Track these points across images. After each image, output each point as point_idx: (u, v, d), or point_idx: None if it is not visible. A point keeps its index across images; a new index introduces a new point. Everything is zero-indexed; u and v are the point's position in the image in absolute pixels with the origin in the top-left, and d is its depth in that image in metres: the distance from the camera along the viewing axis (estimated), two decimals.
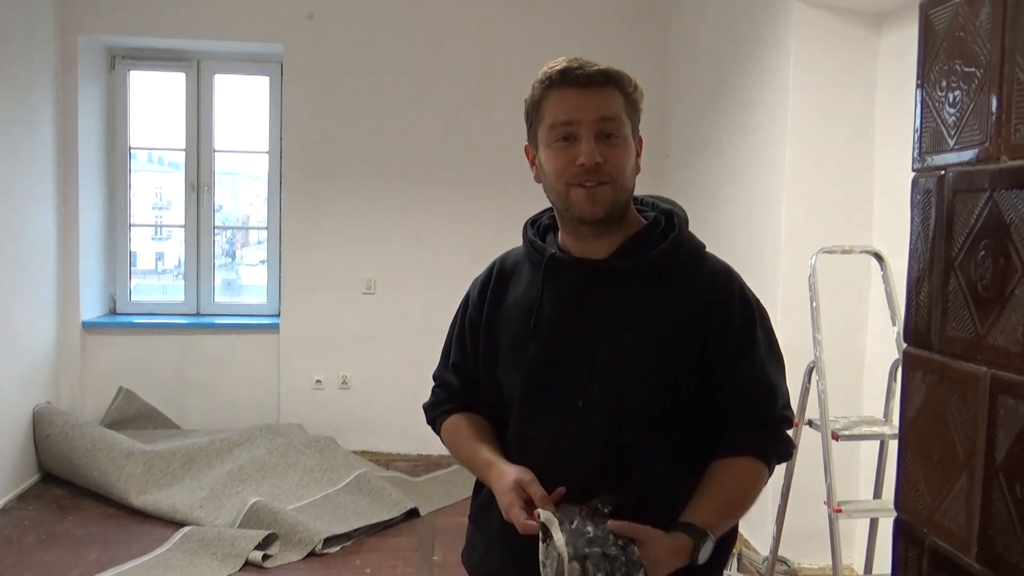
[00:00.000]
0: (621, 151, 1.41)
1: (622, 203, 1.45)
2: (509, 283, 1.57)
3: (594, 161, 1.38)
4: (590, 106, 1.39)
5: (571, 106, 1.40)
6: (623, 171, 1.42)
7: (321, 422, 5.22)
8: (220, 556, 3.68)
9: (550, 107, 1.42)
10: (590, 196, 1.41)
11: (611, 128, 1.40)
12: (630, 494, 1.39)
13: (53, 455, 4.59)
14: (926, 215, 1.03)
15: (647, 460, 1.42)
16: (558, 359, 1.45)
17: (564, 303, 1.47)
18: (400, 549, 3.95)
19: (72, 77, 4.98)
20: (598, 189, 1.40)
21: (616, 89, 1.42)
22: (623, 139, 1.42)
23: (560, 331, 1.46)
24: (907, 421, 1.07)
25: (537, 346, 1.47)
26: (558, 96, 1.42)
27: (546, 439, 1.45)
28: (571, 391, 1.43)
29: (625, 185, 1.44)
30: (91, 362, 5.20)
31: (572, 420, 1.43)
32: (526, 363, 1.48)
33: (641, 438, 1.42)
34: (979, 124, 0.93)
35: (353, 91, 5.25)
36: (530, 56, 5.17)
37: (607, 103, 1.40)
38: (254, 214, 6.02)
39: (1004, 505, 0.89)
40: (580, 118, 1.39)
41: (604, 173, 1.39)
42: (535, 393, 1.47)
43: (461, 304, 1.67)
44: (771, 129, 3.83)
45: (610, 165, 1.40)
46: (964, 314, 0.95)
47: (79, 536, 3.95)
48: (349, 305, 5.33)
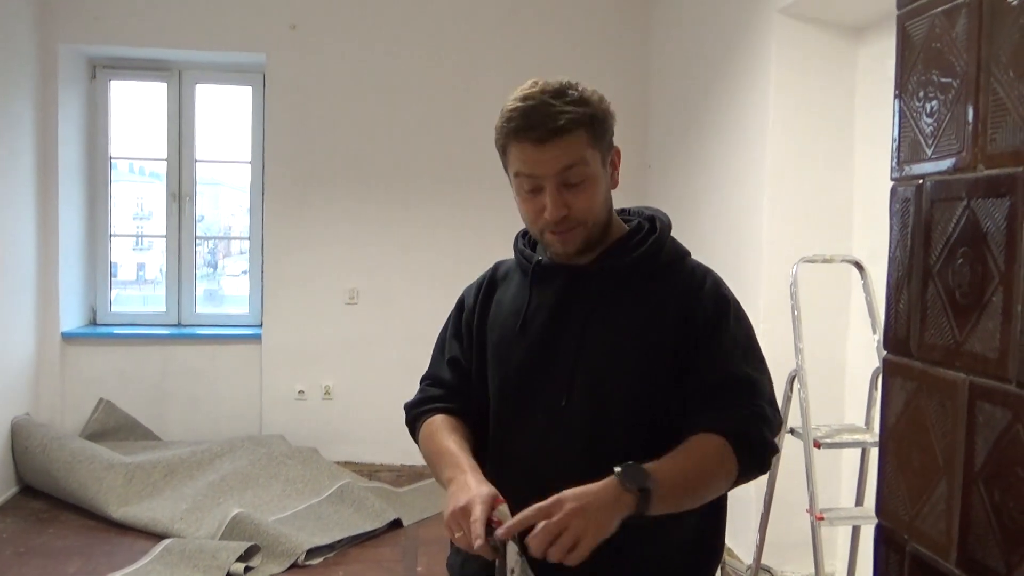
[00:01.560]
0: (588, 193, 1.42)
1: (596, 234, 1.48)
2: (499, 289, 1.61)
3: (559, 215, 1.41)
4: (550, 160, 1.39)
5: (530, 161, 1.40)
6: (591, 211, 1.44)
7: (304, 433, 5.19)
8: (202, 568, 3.65)
9: (512, 156, 1.43)
10: (562, 240, 1.45)
11: (575, 176, 1.40)
12: None
13: (32, 467, 4.54)
14: (904, 223, 1.04)
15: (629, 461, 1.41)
16: (542, 360, 1.47)
17: (550, 307, 1.50)
18: (383, 560, 3.93)
19: (52, 86, 4.95)
20: (568, 234, 1.44)
21: (579, 129, 1.39)
22: (589, 179, 1.42)
23: (545, 334, 1.48)
24: (887, 428, 1.08)
25: (523, 348, 1.50)
26: (517, 148, 1.41)
27: (529, 439, 1.47)
28: (554, 392, 1.44)
29: (597, 219, 1.46)
30: (71, 373, 5.15)
31: (555, 420, 1.44)
32: (511, 364, 1.50)
33: (623, 439, 1.42)
34: (956, 134, 0.95)
35: (336, 102, 5.25)
36: (512, 66, 5.21)
37: (567, 152, 1.38)
38: (236, 224, 5.99)
39: (983, 510, 0.89)
40: (540, 173, 1.40)
41: (572, 219, 1.42)
42: (518, 393, 1.49)
43: (454, 309, 1.69)
44: (752, 140, 3.86)
45: (576, 211, 1.42)
46: (942, 321, 0.96)
47: (58, 549, 3.91)
48: (332, 315, 5.31)
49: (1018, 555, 0.84)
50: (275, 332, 5.29)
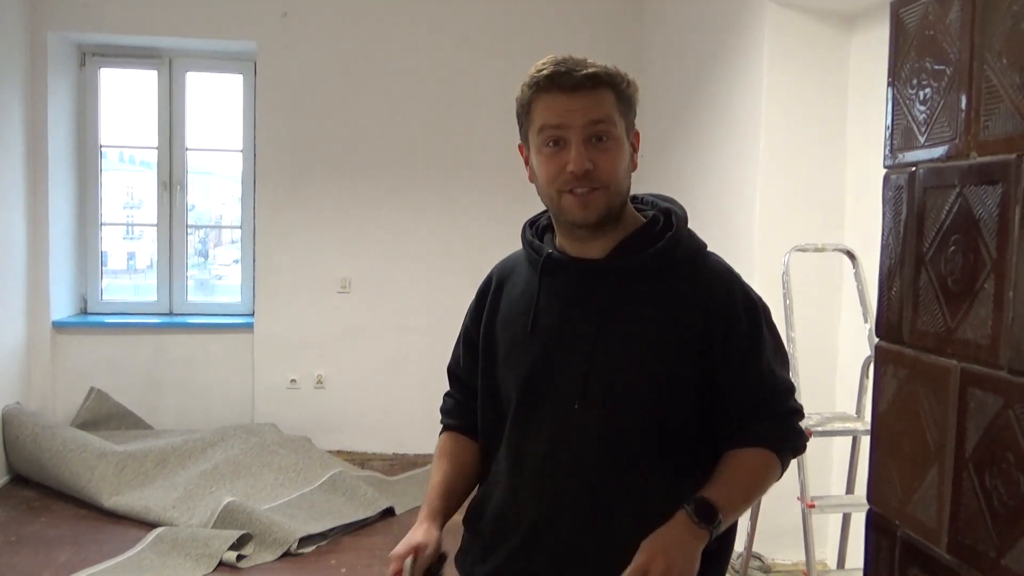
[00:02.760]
0: (613, 154, 1.38)
1: (617, 205, 1.42)
2: (506, 286, 1.56)
3: (583, 168, 1.35)
4: (579, 110, 1.35)
5: (560, 110, 1.36)
6: (615, 174, 1.39)
7: (296, 422, 5.19)
8: (194, 557, 3.65)
9: (539, 110, 1.39)
10: (582, 202, 1.38)
11: (602, 130, 1.36)
12: (626, 500, 1.38)
13: (23, 457, 4.53)
14: (897, 211, 1.05)
15: (644, 465, 1.40)
16: (555, 361, 1.43)
17: (561, 304, 1.45)
18: (375, 548, 3.94)
19: (41, 74, 4.92)
20: (590, 195, 1.37)
21: (608, 89, 1.38)
22: (615, 140, 1.38)
23: (557, 333, 1.44)
24: (879, 415, 1.09)
25: (535, 348, 1.45)
26: (546, 100, 1.38)
27: (542, 442, 1.43)
28: (567, 393, 1.41)
29: (619, 188, 1.40)
30: (62, 362, 5.14)
31: (568, 422, 1.41)
32: (524, 365, 1.46)
33: (637, 442, 1.40)
34: (949, 121, 0.95)
35: (327, 90, 5.23)
36: (505, 54, 5.20)
37: (597, 105, 1.36)
38: (227, 214, 5.97)
39: (974, 496, 0.90)
40: (569, 123, 1.36)
41: (595, 179, 1.36)
42: (532, 395, 1.45)
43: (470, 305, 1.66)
44: (744, 129, 3.86)
45: (601, 170, 1.36)
46: (934, 308, 0.97)
47: (50, 537, 3.90)
48: (324, 304, 5.30)
49: (1008, 539, 0.85)
50: (267, 321, 5.28)
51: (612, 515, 1.38)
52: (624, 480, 1.39)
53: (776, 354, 1.48)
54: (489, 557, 1.49)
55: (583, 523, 1.40)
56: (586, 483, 1.40)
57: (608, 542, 1.37)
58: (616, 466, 1.39)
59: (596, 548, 1.39)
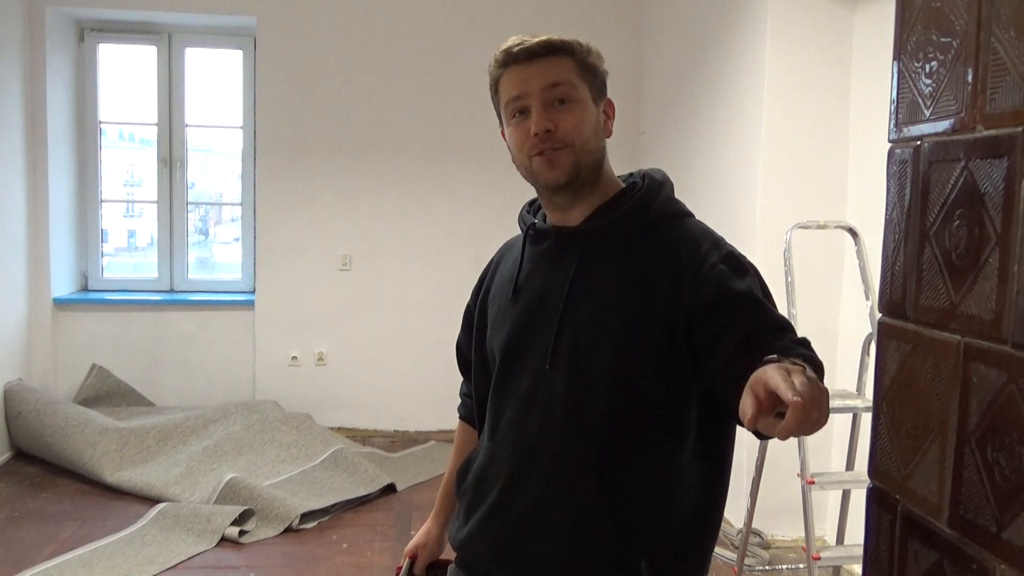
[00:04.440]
0: (576, 115, 1.41)
1: (587, 166, 1.42)
2: (502, 262, 1.61)
3: (544, 128, 1.39)
4: (536, 76, 1.40)
5: (519, 80, 1.42)
6: (580, 133, 1.41)
7: (297, 399, 5.21)
8: (196, 532, 3.67)
9: (503, 87, 1.45)
10: (548, 162, 1.41)
11: (561, 93, 1.40)
12: (593, 462, 1.36)
13: (25, 433, 4.54)
14: (902, 186, 1.04)
15: (612, 429, 1.37)
16: (531, 325, 1.46)
17: (540, 271, 1.48)
18: (377, 524, 3.96)
19: (39, 50, 4.89)
20: (555, 154, 1.40)
21: (565, 55, 1.42)
22: (576, 103, 1.41)
23: (533, 297, 1.47)
24: (881, 390, 1.08)
25: (515, 314, 1.49)
26: (508, 75, 1.44)
27: (515, 404, 1.46)
28: (539, 355, 1.43)
29: (587, 147, 1.42)
30: (63, 339, 5.15)
31: (539, 384, 1.42)
32: (505, 331, 1.49)
33: (603, 404, 1.38)
34: (955, 94, 0.94)
35: (328, 65, 5.20)
36: (505, 32, 5.12)
37: (553, 70, 1.41)
38: (227, 192, 5.96)
39: (975, 471, 0.90)
40: (527, 90, 1.41)
41: (558, 139, 1.39)
42: (510, 360, 1.48)
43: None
44: (747, 105, 3.84)
45: (563, 131, 1.39)
46: (938, 283, 0.96)
47: (53, 513, 3.93)
48: (325, 281, 5.30)
49: (1009, 513, 0.85)
50: (268, 298, 5.28)
51: (577, 477, 1.37)
52: (591, 442, 1.37)
53: (766, 300, 1.36)
54: (468, 520, 1.51)
55: (549, 483, 1.40)
56: (553, 444, 1.40)
57: (572, 504, 1.37)
58: (583, 428, 1.38)
59: (560, 509, 1.38)
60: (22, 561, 3.41)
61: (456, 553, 1.57)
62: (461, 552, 1.54)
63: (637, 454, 1.37)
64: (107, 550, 3.53)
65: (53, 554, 3.48)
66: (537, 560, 1.39)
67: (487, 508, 1.46)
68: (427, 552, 1.68)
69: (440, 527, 1.70)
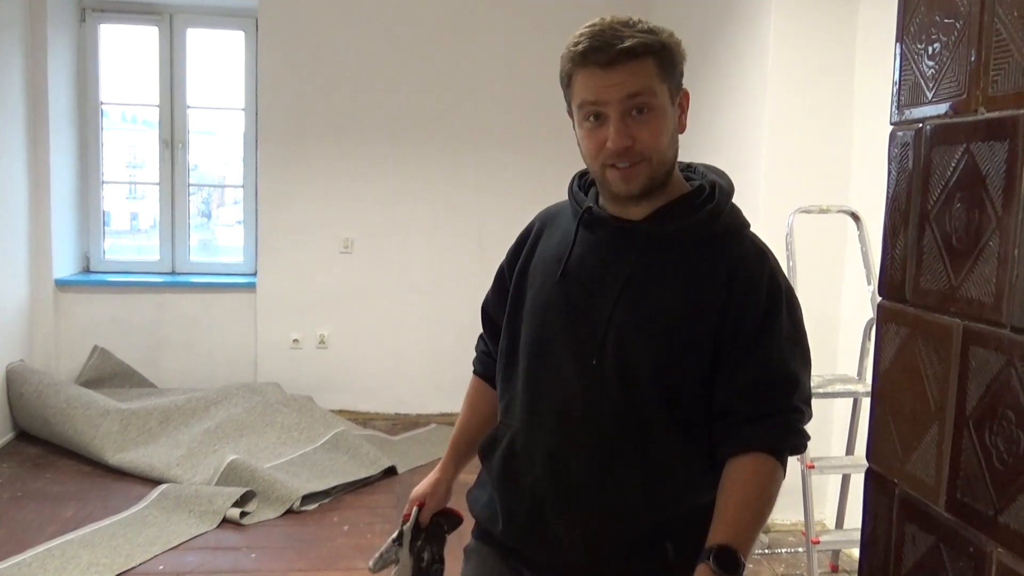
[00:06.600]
0: (655, 124, 1.36)
1: (660, 175, 1.40)
2: (545, 233, 1.56)
3: (623, 145, 1.34)
4: (616, 85, 1.33)
5: (596, 87, 1.34)
6: (658, 146, 1.36)
7: (298, 381, 5.22)
8: (198, 513, 3.69)
9: (577, 85, 1.38)
10: (624, 176, 1.37)
11: (641, 102, 1.34)
12: (635, 459, 1.39)
13: (27, 413, 4.56)
14: (903, 168, 1.04)
15: (655, 429, 1.40)
16: (577, 314, 1.44)
17: (593, 259, 1.45)
18: (378, 506, 3.98)
19: (41, 31, 4.87)
20: (631, 169, 1.36)
21: (648, 57, 1.34)
22: (656, 111, 1.35)
23: (584, 286, 1.44)
24: (880, 374, 1.08)
25: (560, 299, 1.46)
26: (583, 75, 1.36)
27: (556, 392, 1.45)
28: (586, 348, 1.41)
29: (662, 158, 1.38)
30: (65, 320, 5.15)
31: (583, 376, 1.41)
32: (547, 312, 1.47)
33: (649, 405, 1.39)
34: (957, 76, 0.93)
35: (330, 46, 5.17)
36: (511, 16, 5.14)
37: (634, 79, 1.33)
38: (230, 174, 5.94)
39: (973, 455, 0.90)
40: (606, 99, 1.34)
41: (636, 153, 1.35)
42: (550, 344, 1.46)
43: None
44: (750, 88, 3.82)
45: (641, 144, 1.35)
46: (938, 266, 0.96)
47: (55, 493, 3.94)
48: (326, 264, 5.30)
49: (1007, 497, 0.85)
50: (270, 281, 5.28)
51: (618, 472, 1.40)
52: (634, 440, 1.40)
53: (793, 347, 1.43)
54: (495, 497, 1.53)
55: (589, 476, 1.42)
56: (596, 438, 1.41)
57: (611, 498, 1.41)
58: (627, 425, 1.40)
59: (598, 503, 1.41)
60: (24, 541, 3.43)
61: (477, 524, 1.60)
62: (487, 525, 1.55)
63: (676, 445, 1.41)
64: (109, 531, 3.54)
65: (55, 534, 3.49)
66: (571, 538, 1.42)
67: (520, 489, 1.47)
68: (435, 501, 1.70)
69: (448, 478, 1.71)
